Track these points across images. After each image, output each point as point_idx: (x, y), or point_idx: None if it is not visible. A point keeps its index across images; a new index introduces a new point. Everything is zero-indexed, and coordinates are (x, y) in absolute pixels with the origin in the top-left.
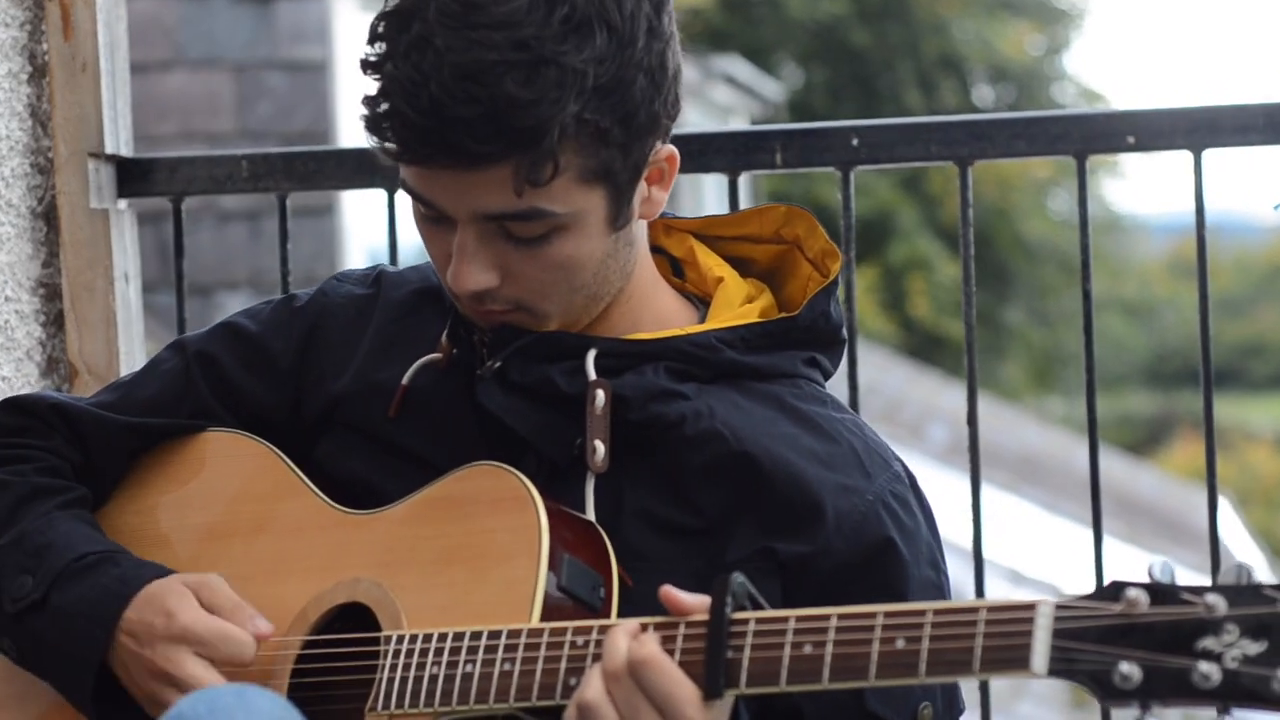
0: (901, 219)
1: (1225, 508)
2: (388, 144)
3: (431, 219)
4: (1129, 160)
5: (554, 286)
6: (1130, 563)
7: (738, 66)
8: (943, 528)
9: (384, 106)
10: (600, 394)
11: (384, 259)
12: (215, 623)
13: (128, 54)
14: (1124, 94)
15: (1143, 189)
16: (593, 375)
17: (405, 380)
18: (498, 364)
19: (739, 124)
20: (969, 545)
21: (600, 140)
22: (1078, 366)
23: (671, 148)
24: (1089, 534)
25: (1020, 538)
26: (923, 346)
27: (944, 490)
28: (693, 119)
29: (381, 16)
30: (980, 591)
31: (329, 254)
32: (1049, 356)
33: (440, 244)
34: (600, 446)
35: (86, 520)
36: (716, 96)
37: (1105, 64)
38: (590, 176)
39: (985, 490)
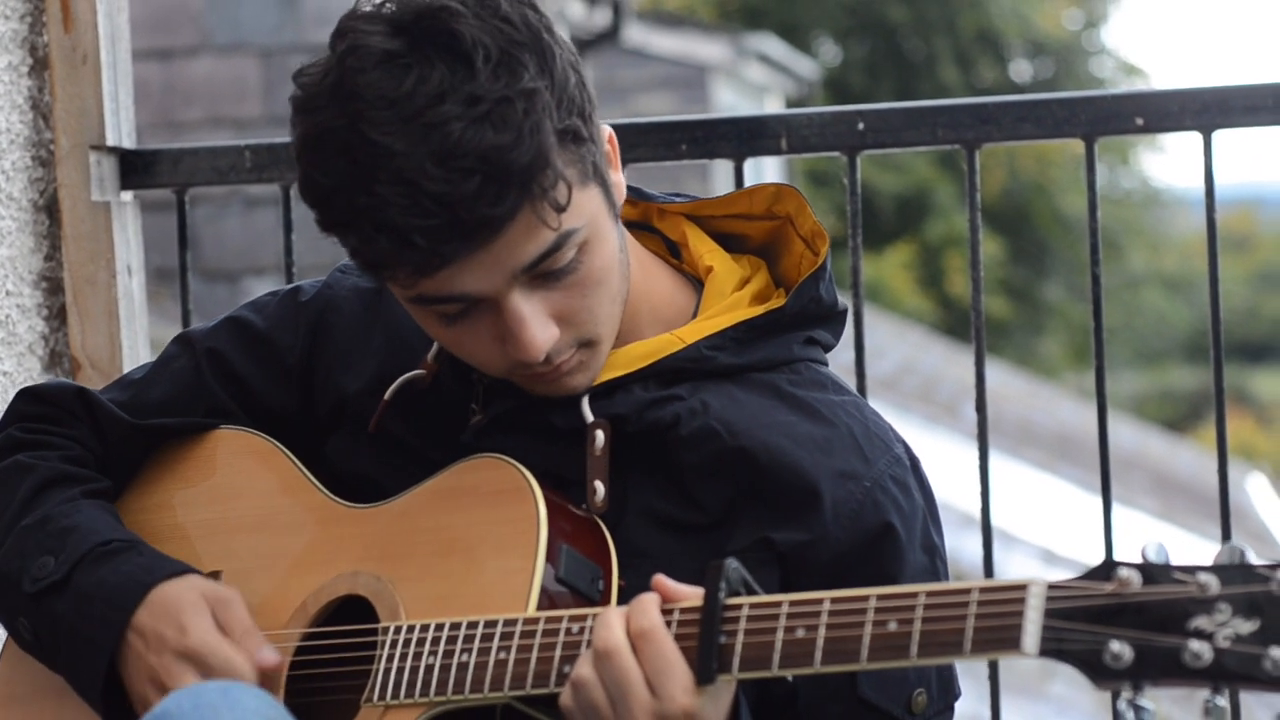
0: (939, 196)
1: (1262, 483)
2: (400, 276)
3: (459, 315)
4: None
5: (599, 304)
6: (1164, 541)
7: (772, 45)
8: (970, 506)
9: (383, 240)
10: (600, 435)
11: None
12: (224, 650)
13: (129, 45)
14: (1165, 68)
15: (1183, 163)
16: (589, 416)
17: (387, 396)
18: (484, 420)
19: (774, 104)
20: (996, 523)
21: (576, 141)
22: (1118, 342)
23: (608, 127)
24: (1125, 513)
25: (1055, 517)
26: (960, 324)
27: (977, 469)
28: (727, 99)
29: (308, 176)
30: (989, 568)
31: None
32: (1089, 332)
33: (478, 333)
34: (600, 488)
35: (110, 511)
36: (751, 75)
37: (1144, 38)
38: (585, 179)
39: (1020, 469)
